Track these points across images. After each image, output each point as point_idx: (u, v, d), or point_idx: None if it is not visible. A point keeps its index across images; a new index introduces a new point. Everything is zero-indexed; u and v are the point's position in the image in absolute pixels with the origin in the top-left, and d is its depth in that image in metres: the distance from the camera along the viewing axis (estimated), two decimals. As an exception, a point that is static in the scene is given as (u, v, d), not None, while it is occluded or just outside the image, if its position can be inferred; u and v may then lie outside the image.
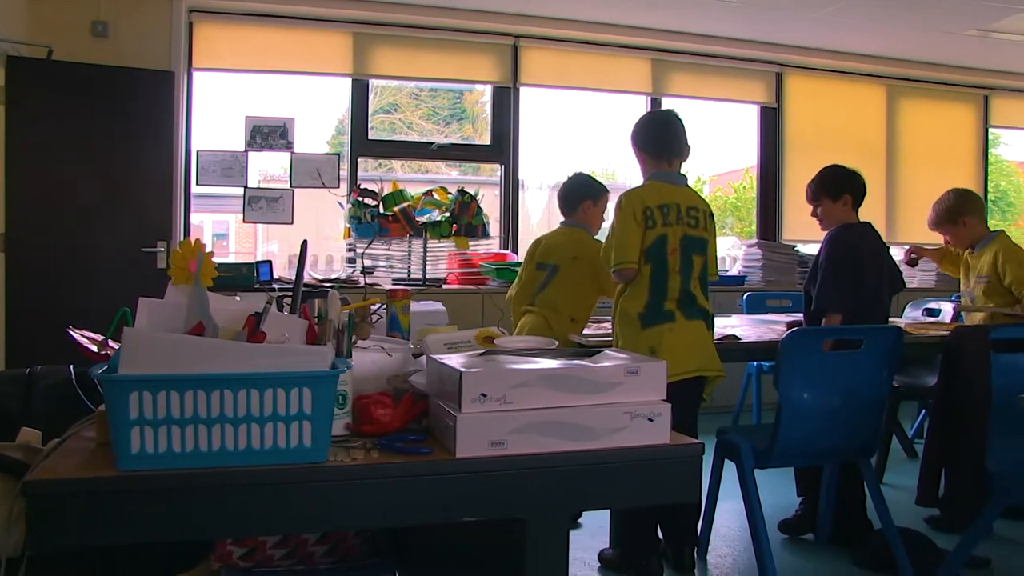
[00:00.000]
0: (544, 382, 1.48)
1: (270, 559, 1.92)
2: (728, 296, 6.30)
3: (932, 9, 6.23)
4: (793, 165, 7.50)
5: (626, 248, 3.11)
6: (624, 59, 6.93)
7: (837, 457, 3.34)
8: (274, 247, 10.49)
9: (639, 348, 3.03)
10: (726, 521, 3.82)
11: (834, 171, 3.64)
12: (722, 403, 6.00)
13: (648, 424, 1.51)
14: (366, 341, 1.89)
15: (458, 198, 5.90)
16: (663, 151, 3.24)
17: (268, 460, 1.37)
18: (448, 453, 1.46)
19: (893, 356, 3.15)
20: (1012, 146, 14.65)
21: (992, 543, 3.57)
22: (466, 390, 1.44)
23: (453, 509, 1.45)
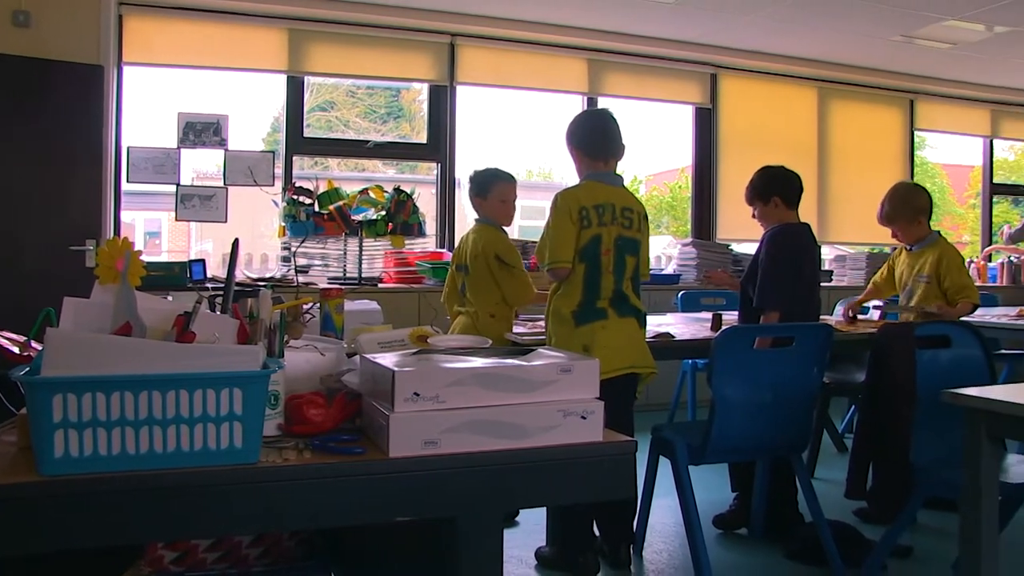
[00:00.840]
0: (477, 381, 1.48)
1: (203, 563, 1.89)
2: (663, 294, 6.37)
3: (860, 15, 6.39)
4: (727, 165, 7.61)
5: (561, 247, 3.12)
6: (561, 59, 6.97)
7: (770, 453, 3.41)
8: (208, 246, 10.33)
9: (572, 346, 3.06)
10: (661, 517, 3.87)
11: (761, 175, 3.71)
12: (658, 400, 6.07)
13: (581, 422, 1.52)
14: (299, 341, 1.87)
15: (394, 196, 5.87)
16: (599, 151, 3.26)
17: (198, 462, 1.35)
18: (381, 453, 1.45)
19: (823, 353, 3.23)
20: (936, 149, 15.07)
21: (915, 532, 3.68)
22: (399, 389, 1.44)
23: (386, 509, 1.45)
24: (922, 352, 3.11)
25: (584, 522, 3.26)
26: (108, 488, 1.29)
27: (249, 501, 1.37)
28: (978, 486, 2.28)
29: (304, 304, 2.05)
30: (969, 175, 14.52)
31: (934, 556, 3.48)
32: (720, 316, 4.04)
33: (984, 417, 2.26)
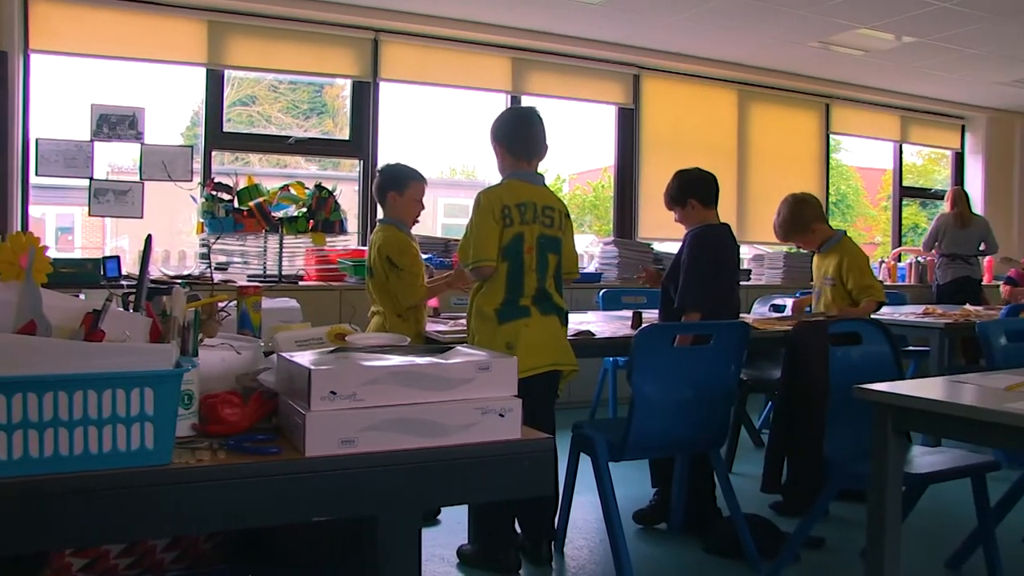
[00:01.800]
0: (395, 379, 1.47)
1: (114, 569, 1.84)
2: (585, 293, 6.42)
3: (779, 20, 6.54)
4: (649, 165, 7.71)
5: (484, 246, 3.13)
6: (485, 57, 6.98)
7: (688, 448, 3.47)
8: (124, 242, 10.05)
9: (496, 344, 3.07)
10: (583, 514, 3.90)
11: (676, 180, 3.77)
12: (579, 398, 6.12)
13: (499, 420, 1.52)
14: (214, 339, 1.84)
15: (315, 193, 5.80)
16: (523, 149, 3.28)
17: (107, 464, 1.31)
18: (297, 452, 1.43)
19: (740, 351, 3.30)
20: (851, 152, 15.51)
21: (827, 523, 3.78)
22: (315, 388, 1.42)
23: (303, 509, 1.43)
24: (834, 349, 3.21)
25: (505, 519, 3.27)
26: (10, 494, 1.24)
27: (161, 504, 1.34)
28: (884, 478, 2.35)
29: (220, 302, 2.02)
30: (881, 178, 14.98)
31: (845, 546, 3.58)
32: (640, 314, 4.10)
33: (890, 411, 2.34)
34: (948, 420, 2.28)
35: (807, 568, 3.38)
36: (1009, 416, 2.08)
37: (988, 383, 2.53)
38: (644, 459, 3.79)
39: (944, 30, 6.75)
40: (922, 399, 2.31)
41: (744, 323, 3.38)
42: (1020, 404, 2.14)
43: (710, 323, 3.40)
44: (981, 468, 3.06)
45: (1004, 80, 8.44)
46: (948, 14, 6.32)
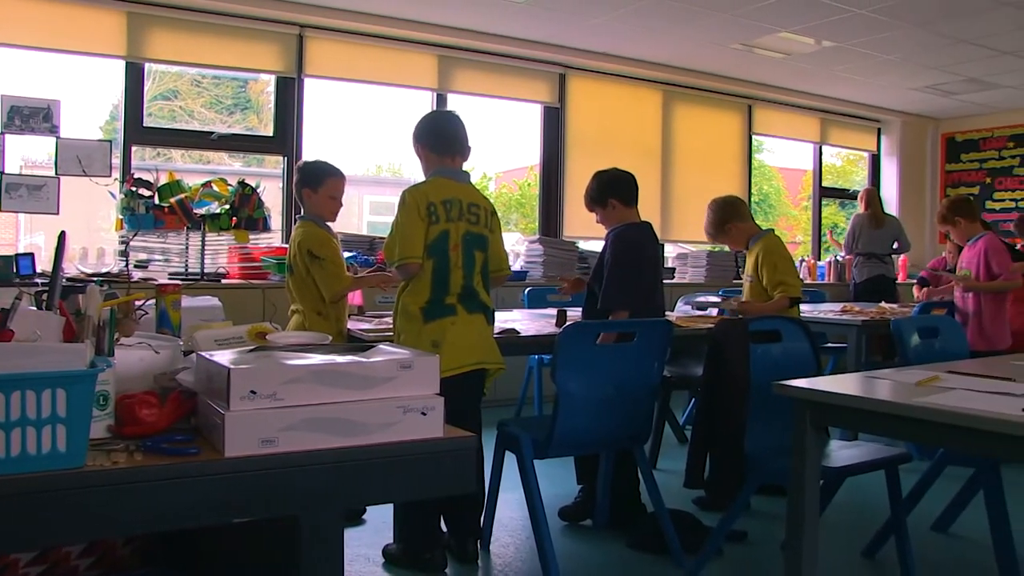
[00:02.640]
0: (315, 378, 1.46)
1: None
2: (510, 291, 6.44)
3: (703, 22, 6.64)
4: (575, 164, 7.77)
5: (411, 243, 3.12)
6: (411, 54, 6.94)
7: (612, 445, 3.50)
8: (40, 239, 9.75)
9: (421, 343, 3.06)
10: (508, 511, 3.91)
11: (595, 181, 3.80)
12: (505, 396, 6.14)
13: (421, 418, 1.52)
14: (131, 338, 1.80)
15: (238, 190, 5.70)
16: (446, 148, 3.28)
17: (17, 469, 1.27)
18: (217, 453, 1.41)
19: (663, 348, 3.34)
20: (774, 152, 15.85)
21: (749, 517, 3.86)
22: (234, 387, 1.40)
23: (223, 510, 1.41)
24: (755, 346, 3.27)
25: (430, 518, 3.26)
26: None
27: (75, 508, 1.30)
28: (802, 472, 2.41)
29: (137, 300, 1.97)
30: (802, 178, 15.31)
31: (766, 538, 3.66)
32: (565, 312, 4.13)
33: (809, 407, 2.39)
34: (863, 415, 2.35)
35: (730, 561, 3.44)
36: (919, 410, 2.15)
37: (901, 378, 2.61)
38: (569, 456, 3.81)
39: (861, 36, 6.94)
40: (839, 395, 2.37)
41: (667, 321, 3.43)
42: (929, 398, 2.21)
43: (633, 321, 3.44)
44: (894, 460, 3.16)
45: (916, 86, 8.72)
46: (865, 21, 6.50)
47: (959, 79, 8.40)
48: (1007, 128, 9.98)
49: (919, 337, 3.74)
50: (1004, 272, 4.95)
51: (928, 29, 6.73)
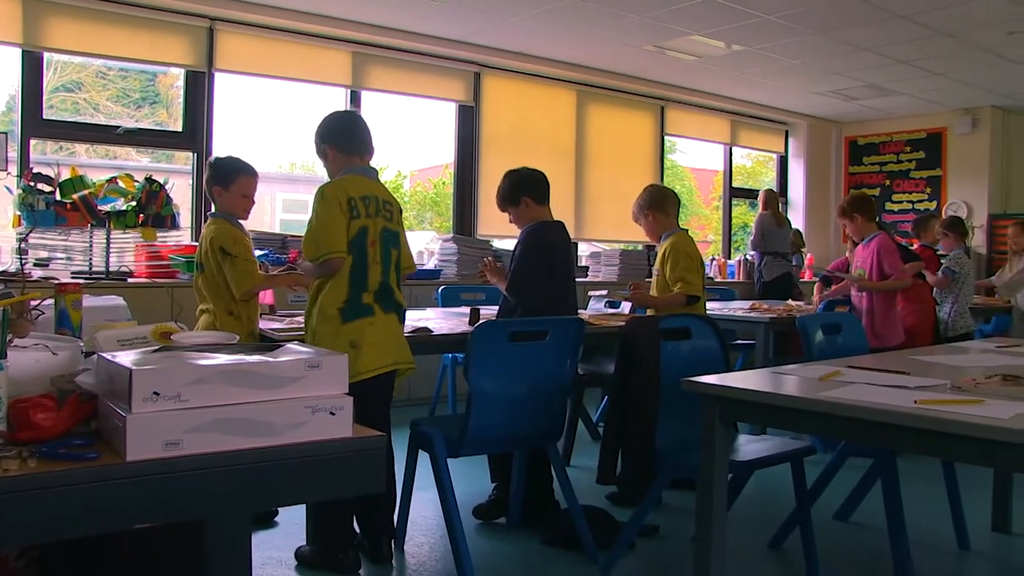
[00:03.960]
0: (221, 378, 1.43)
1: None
2: (424, 290, 6.43)
3: (616, 24, 6.72)
4: (489, 162, 7.78)
5: (334, 238, 3.07)
6: (325, 50, 6.86)
7: (526, 443, 3.51)
8: (-69, 236, 9.33)
9: (339, 343, 3.02)
10: (422, 510, 3.90)
11: (507, 179, 3.82)
12: (419, 395, 6.12)
13: (330, 418, 1.50)
14: (26, 339, 1.73)
15: (145, 186, 5.53)
16: (355, 147, 3.26)
17: None
18: (118, 457, 1.37)
19: (576, 346, 3.37)
20: (686, 153, 16.14)
21: (661, 512, 3.92)
22: (136, 389, 1.36)
23: (124, 516, 1.36)
24: (666, 343, 3.32)
25: (343, 519, 3.23)
26: None
27: (-39, 519, 1.25)
28: (711, 466, 2.46)
29: (32, 300, 1.90)
30: (713, 179, 15.63)
31: (677, 532, 3.72)
32: (478, 311, 4.13)
33: (717, 402, 2.44)
34: (768, 409, 2.41)
35: (642, 556, 3.49)
36: (820, 404, 2.21)
37: (805, 374, 2.68)
38: (483, 455, 3.82)
39: (769, 41, 7.12)
40: (745, 390, 2.43)
41: (579, 319, 3.47)
42: (831, 393, 2.28)
43: (545, 319, 3.46)
44: (799, 453, 3.25)
45: (821, 90, 8.98)
46: (773, 26, 6.67)
47: (860, 85, 8.69)
48: (904, 133, 10.37)
49: (823, 333, 3.86)
50: (895, 272, 5.12)
51: (831, 36, 6.94)
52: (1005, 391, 2.29)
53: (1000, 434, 1.88)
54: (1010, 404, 2.10)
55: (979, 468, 3.79)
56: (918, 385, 2.41)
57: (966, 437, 1.94)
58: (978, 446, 1.94)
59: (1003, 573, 3.57)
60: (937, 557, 3.60)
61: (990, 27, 6.68)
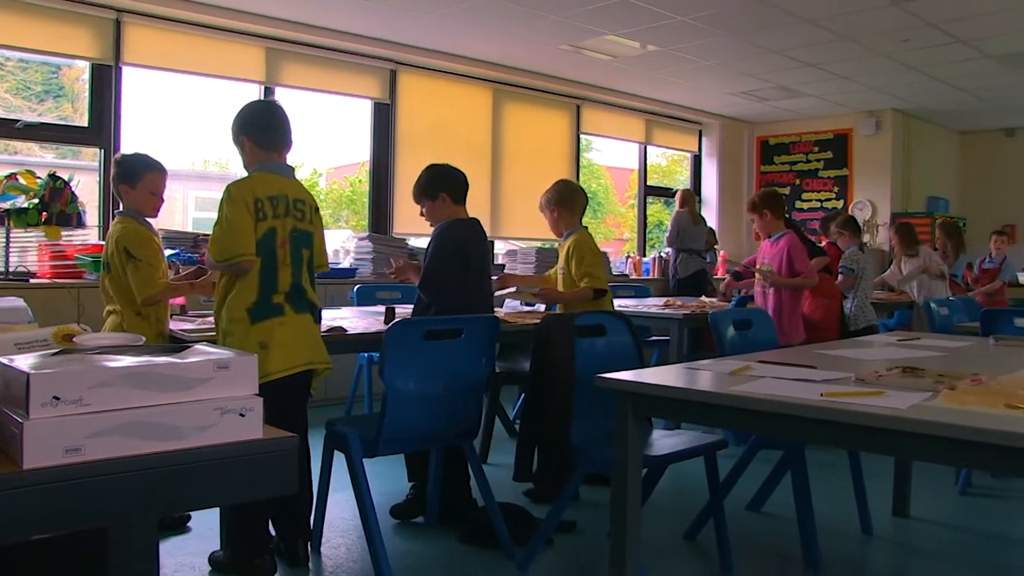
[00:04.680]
0: (126, 381, 1.39)
1: None
2: (339, 288, 6.37)
3: (532, 23, 6.75)
4: (405, 160, 7.74)
5: (242, 240, 3.01)
6: (237, 45, 6.73)
7: (442, 441, 3.51)
8: None
9: (249, 344, 2.98)
10: (339, 512, 3.86)
11: (428, 173, 3.81)
12: (335, 395, 6.06)
13: (240, 420, 1.48)
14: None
15: (48, 183, 5.35)
16: (271, 141, 3.20)
17: None
18: (14, 465, 1.32)
19: (491, 344, 3.38)
20: (602, 152, 16.30)
21: (578, 508, 3.96)
22: (35, 393, 1.32)
23: (21, 527, 1.31)
24: (580, 340, 3.35)
25: (258, 522, 3.17)
26: None
27: None
28: (625, 461, 2.49)
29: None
30: (629, 177, 15.82)
31: (595, 527, 3.76)
32: (393, 309, 4.11)
33: (630, 398, 2.47)
34: (680, 404, 2.45)
35: (559, 551, 3.51)
36: (730, 398, 2.26)
37: (717, 368, 2.74)
38: (400, 454, 3.80)
39: (683, 42, 7.24)
40: (656, 386, 2.46)
41: (494, 317, 3.47)
42: (741, 387, 2.33)
43: (460, 317, 3.46)
44: (712, 447, 3.32)
45: (734, 91, 9.17)
46: (687, 27, 6.78)
47: (771, 86, 8.90)
48: (813, 134, 10.67)
49: (734, 329, 3.94)
50: (805, 271, 5.26)
51: (743, 38, 7.09)
52: (904, 382, 2.37)
53: (899, 423, 1.95)
54: (909, 395, 2.18)
55: (881, 456, 3.92)
56: (824, 378, 2.49)
57: (868, 427, 2.01)
58: (879, 436, 2.01)
59: (902, 555, 3.71)
60: (843, 542, 3.72)
61: (888, 34, 6.93)
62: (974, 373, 2.53)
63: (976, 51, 7.42)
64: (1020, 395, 2.18)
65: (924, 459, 2.17)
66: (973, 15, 6.40)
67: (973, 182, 11.62)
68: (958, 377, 2.44)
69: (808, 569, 3.35)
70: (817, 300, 6.16)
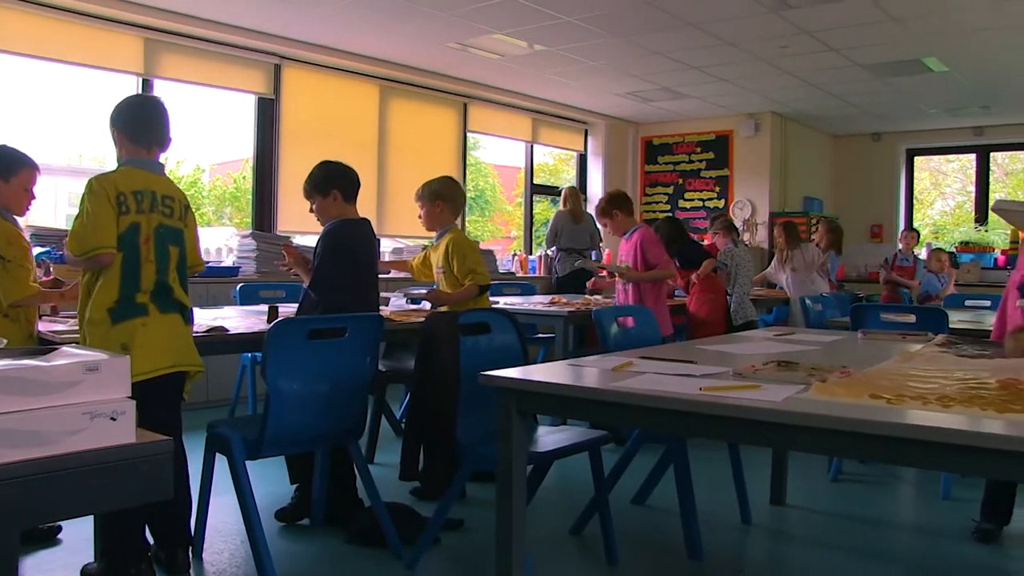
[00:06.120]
0: (-13, 386, 1.33)
1: None
2: (221, 287, 6.22)
3: (419, 20, 6.71)
4: (290, 157, 7.60)
5: (101, 233, 2.90)
6: (113, 34, 6.47)
7: (327, 441, 3.46)
8: None
9: (110, 345, 2.86)
10: (223, 516, 3.77)
11: (321, 169, 3.76)
12: (218, 396, 5.91)
13: (111, 424, 1.42)
14: None
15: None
16: (143, 136, 3.10)
17: None
18: None
19: (375, 342, 3.36)
20: (489, 150, 16.37)
21: (465, 505, 3.97)
22: None
23: None
24: (465, 338, 3.36)
25: (134, 530, 3.05)
26: None
27: None
28: (509, 458, 2.50)
29: None
30: (517, 176, 15.94)
31: (482, 525, 3.76)
32: (276, 308, 4.04)
33: (513, 395, 2.49)
34: (562, 401, 2.48)
35: (447, 549, 3.51)
36: (612, 394, 2.29)
37: (601, 365, 2.78)
38: (284, 455, 3.74)
39: (570, 42, 7.32)
40: (538, 382, 2.48)
41: (379, 315, 3.45)
42: (622, 383, 2.37)
43: (344, 316, 3.42)
44: (596, 442, 3.37)
45: (619, 91, 9.34)
46: (574, 28, 6.86)
47: (655, 87, 9.10)
48: (695, 135, 10.96)
49: (618, 326, 4.01)
50: (660, 263, 5.39)
51: (628, 40, 7.22)
52: (779, 376, 2.45)
53: (774, 416, 2.02)
54: (783, 388, 2.26)
55: (760, 448, 4.06)
56: (703, 373, 2.55)
57: (745, 420, 2.07)
58: (755, 428, 2.07)
59: (779, 542, 3.85)
60: (724, 532, 3.83)
61: (767, 40, 7.18)
62: (843, 366, 2.64)
63: (847, 60, 7.75)
64: (883, 385, 2.28)
65: (797, 449, 2.25)
66: (845, 25, 6.69)
67: (844, 183, 12.14)
68: (828, 370, 2.54)
69: (691, 560, 3.44)
70: (703, 296, 6.36)
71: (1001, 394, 2.15)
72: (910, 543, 3.87)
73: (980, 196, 11.65)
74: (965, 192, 14.41)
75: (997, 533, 3.72)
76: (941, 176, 15.69)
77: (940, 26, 6.72)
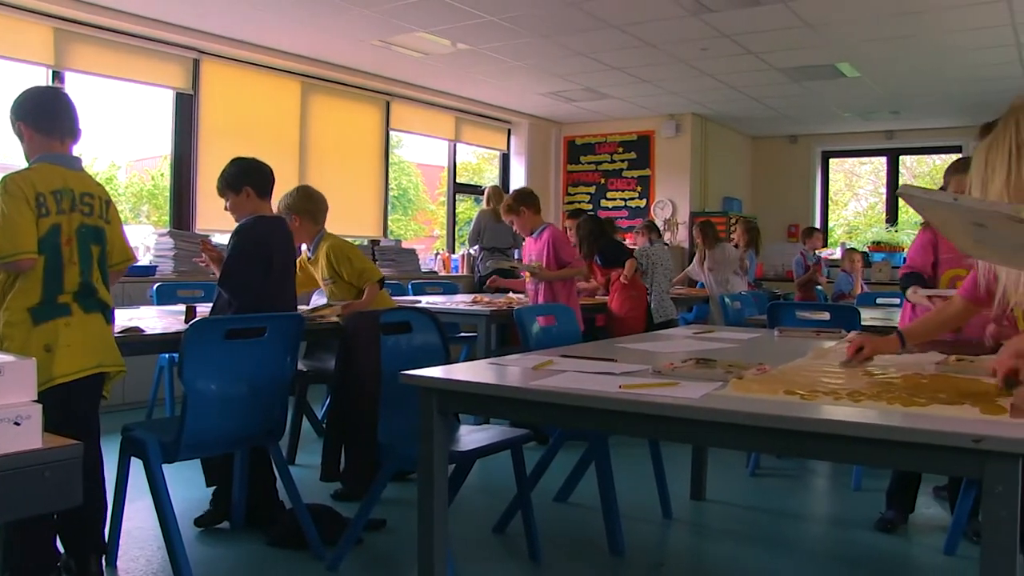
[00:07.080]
0: None
1: None
2: (138, 287, 6.07)
3: (341, 16, 6.65)
4: (209, 154, 7.47)
5: (20, 238, 2.80)
6: (20, 22, 6.22)
7: (246, 443, 3.42)
8: None
9: (31, 347, 2.78)
10: (138, 522, 3.68)
11: (233, 166, 3.70)
12: (135, 398, 5.78)
13: (15, 428, 1.38)
14: None
15: None
16: (53, 128, 2.99)
17: None
18: None
19: (295, 342, 3.32)
20: (411, 148, 16.31)
21: (387, 505, 3.94)
22: None
23: None
24: (386, 338, 3.34)
25: (43, 538, 2.95)
26: None
27: None
28: (430, 457, 2.50)
29: None
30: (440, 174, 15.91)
31: (404, 525, 3.75)
32: (194, 308, 3.96)
33: (434, 395, 2.48)
34: (483, 399, 2.48)
35: (369, 549, 3.49)
36: (532, 392, 2.31)
37: (522, 364, 2.79)
38: (204, 458, 3.67)
39: (494, 41, 7.34)
40: (459, 381, 2.48)
41: (298, 315, 3.41)
42: (543, 381, 2.39)
43: (263, 315, 3.37)
44: (518, 441, 3.38)
45: (543, 91, 9.39)
46: (497, 27, 6.88)
47: (578, 88, 9.17)
48: (618, 135, 11.08)
49: (539, 324, 4.03)
50: (572, 260, 5.44)
51: (551, 40, 7.27)
52: (698, 373, 2.50)
53: (692, 412, 2.05)
54: (701, 385, 2.29)
55: (680, 444, 4.11)
56: (623, 371, 2.58)
57: (664, 417, 2.10)
58: (674, 424, 2.11)
59: (698, 535, 3.91)
60: (645, 527, 3.89)
61: (688, 43, 7.30)
62: (760, 363, 2.69)
63: (765, 63, 7.93)
64: (797, 381, 2.34)
65: (716, 445, 2.29)
66: (762, 30, 6.84)
67: (762, 184, 12.42)
68: (745, 367, 2.59)
69: (613, 555, 3.48)
70: (625, 294, 6.44)
71: (906, 388, 2.23)
72: (824, 534, 3.98)
73: (891, 197, 12.03)
74: (877, 193, 14.88)
75: (902, 522, 3.86)
76: (855, 178, 16.18)
77: (852, 33, 6.93)
